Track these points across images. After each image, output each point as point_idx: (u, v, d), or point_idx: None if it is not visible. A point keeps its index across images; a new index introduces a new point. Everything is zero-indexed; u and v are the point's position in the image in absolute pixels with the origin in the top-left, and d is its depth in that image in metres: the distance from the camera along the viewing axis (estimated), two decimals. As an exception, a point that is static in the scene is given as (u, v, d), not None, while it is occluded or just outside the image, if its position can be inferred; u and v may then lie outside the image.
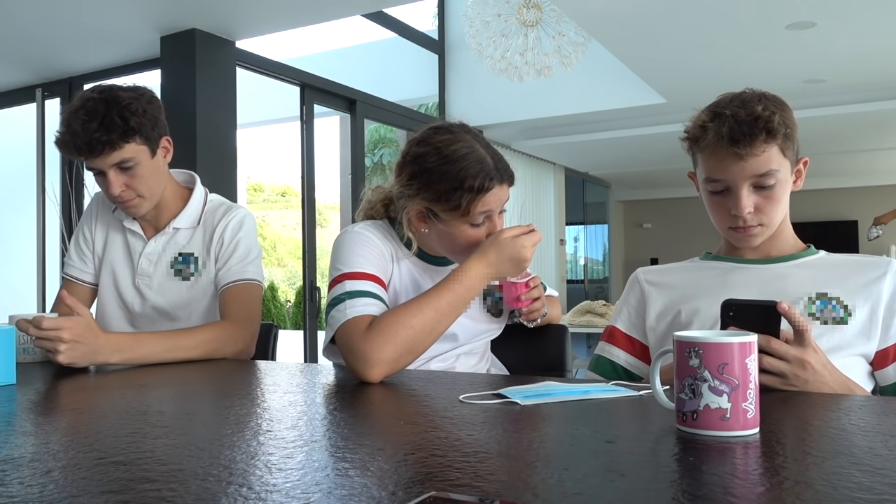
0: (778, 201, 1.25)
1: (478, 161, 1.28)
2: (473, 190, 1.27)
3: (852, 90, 5.78)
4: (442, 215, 1.31)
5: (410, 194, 1.32)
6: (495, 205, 1.32)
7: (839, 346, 1.18)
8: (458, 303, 1.25)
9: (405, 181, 1.33)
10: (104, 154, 1.52)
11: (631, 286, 1.44)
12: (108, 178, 1.55)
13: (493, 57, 4.61)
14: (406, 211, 1.35)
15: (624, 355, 1.39)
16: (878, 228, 10.42)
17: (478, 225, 1.32)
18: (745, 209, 1.23)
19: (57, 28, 3.87)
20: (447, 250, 1.38)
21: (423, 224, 1.35)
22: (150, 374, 1.31)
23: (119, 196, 1.58)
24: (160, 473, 0.65)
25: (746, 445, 0.73)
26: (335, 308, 1.27)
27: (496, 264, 1.28)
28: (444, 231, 1.33)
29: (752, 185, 1.23)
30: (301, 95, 4.76)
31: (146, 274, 1.68)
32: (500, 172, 1.31)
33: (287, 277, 18.06)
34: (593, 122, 6.90)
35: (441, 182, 1.27)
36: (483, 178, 1.27)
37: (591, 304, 4.94)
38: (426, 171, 1.29)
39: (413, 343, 1.20)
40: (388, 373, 1.18)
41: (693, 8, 4.08)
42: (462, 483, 0.61)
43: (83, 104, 1.51)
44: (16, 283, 5.22)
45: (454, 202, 1.28)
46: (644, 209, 11.90)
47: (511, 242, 1.29)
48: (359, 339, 1.19)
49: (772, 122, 1.20)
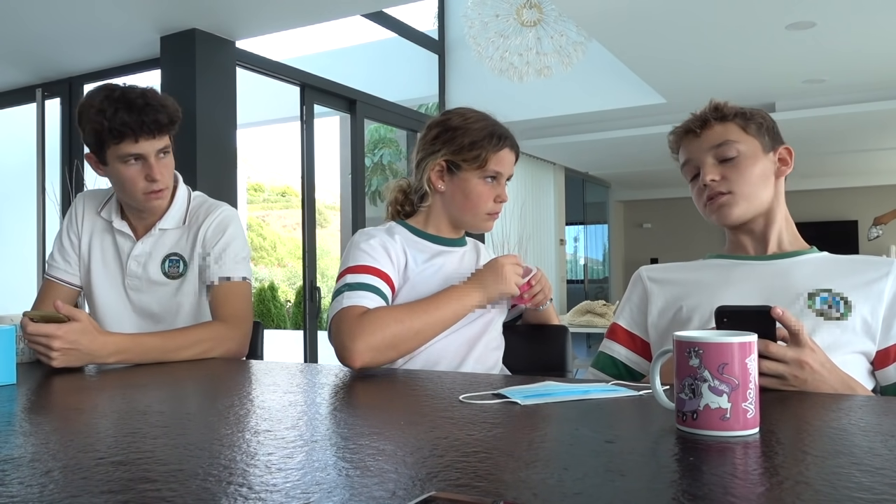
0: (744, 171, 1.31)
1: (494, 124, 1.52)
2: (492, 143, 1.48)
3: (852, 90, 5.78)
4: (463, 165, 1.48)
5: (433, 151, 1.50)
6: (506, 167, 1.51)
7: (839, 343, 1.18)
8: (449, 316, 1.35)
9: (429, 143, 1.52)
10: (160, 136, 1.55)
11: (634, 283, 1.44)
12: (149, 163, 1.56)
13: (493, 57, 4.61)
14: (427, 168, 1.51)
15: (625, 351, 1.39)
16: (878, 228, 10.41)
17: (490, 181, 1.49)
18: (708, 175, 1.32)
19: (57, 28, 3.87)
20: (459, 208, 1.51)
21: (440, 181, 1.51)
22: (150, 374, 1.31)
23: (160, 181, 1.58)
24: (160, 473, 0.65)
25: (746, 445, 0.73)
26: (335, 300, 1.36)
27: (489, 290, 1.40)
28: (460, 185, 1.49)
29: (714, 157, 1.33)
30: (301, 95, 4.76)
31: (135, 276, 1.68)
32: (511, 139, 1.53)
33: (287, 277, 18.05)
34: (593, 122, 6.90)
35: (465, 136, 1.48)
36: (499, 137, 1.50)
37: (591, 304, 4.94)
38: (451, 128, 1.50)
39: (399, 338, 1.28)
40: (369, 361, 1.25)
41: (693, 8, 4.08)
42: (462, 483, 0.61)
43: (131, 88, 1.53)
44: (16, 283, 5.22)
45: (475, 152, 1.47)
46: (644, 209, 11.90)
47: (505, 273, 1.40)
48: (350, 323, 1.27)
49: (723, 108, 1.35)
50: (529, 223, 8.05)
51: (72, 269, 1.74)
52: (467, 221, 1.53)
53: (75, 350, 1.32)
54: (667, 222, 11.57)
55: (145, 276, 1.67)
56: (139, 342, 1.43)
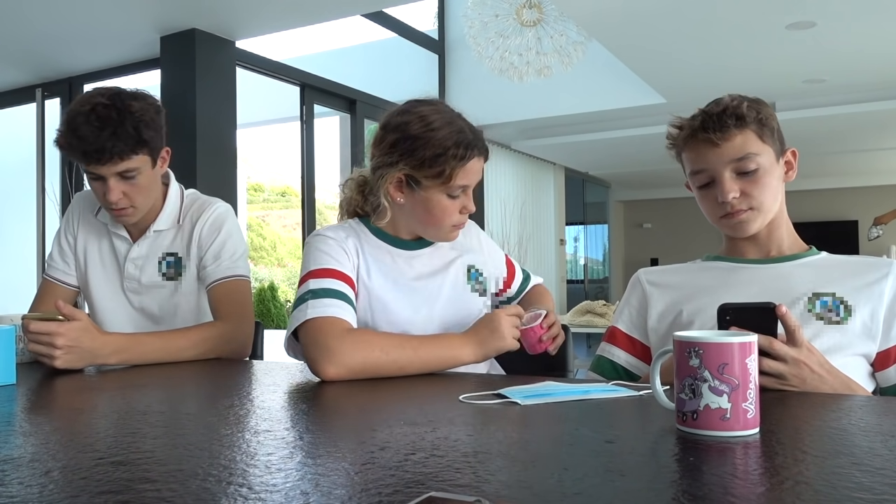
0: (765, 186, 1.27)
1: (459, 130, 1.32)
2: (457, 157, 1.30)
3: (852, 90, 5.78)
4: (424, 182, 1.32)
5: (391, 162, 1.33)
6: (473, 177, 1.35)
7: (840, 346, 1.18)
8: (435, 364, 1.25)
9: (386, 150, 1.34)
10: (111, 163, 1.48)
11: (633, 287, 1.44)
12: (107, 185, 1.51)
13: (493, 57, 4.61)
14: (384, 180, 1.35)
15: (624, 355, 1.39)
16: (878, 228, 10.42)
17: (454, 197, 1.34)
18: (730, 193, 1.25)
19: (57, 28, 3.87)
20: (420, 222, 1.38)
21: (399, 194, 1.35)
22: (150, 374, 1.31)
23: (115, 203, 1.54)
24: (160, 473, 0.65)
25: (746, 445, 0.73)
26: (297, 308, 1.28)
27: (486, 347, 1.29)
28: (421, 200, 1.34)
29: (733, 170, 1.26)
30: (301, 95, 4.76)
31: (133, 278, 1.67)
32: (479, 144, 1.34)
33: (287, 277, 18.04)
34: (593, 122, 6.90)
35: (426, 148, 1.30)
36: (465, 147, 1.31)
37: (591, 304, 4.94)
38: (410, 137, 1.31)
39: (379, 366, 1.20)
40: (343, 377, 1.18)
41: (693, 8, 4.08)
42: (462, 483, 0.61)
43: (93, 108, 1.45)
44: (16, 283, 5.22)
45: (438, 168, 1.30)
46: (644, 209, 11.90)
47: (502, 329, 1.30)
48: (334, 337, 1.20)
49: (740, 109, 1.25)
50: (529, 223, 8.05)
51: (70, 270, 1.74)
52: (430, 234, 1.41)
53: (78, 348, 1.31)
54: (667, 222, 11.57)
55: (143, 278, 1.67)
56: (140, 342, 1.42)
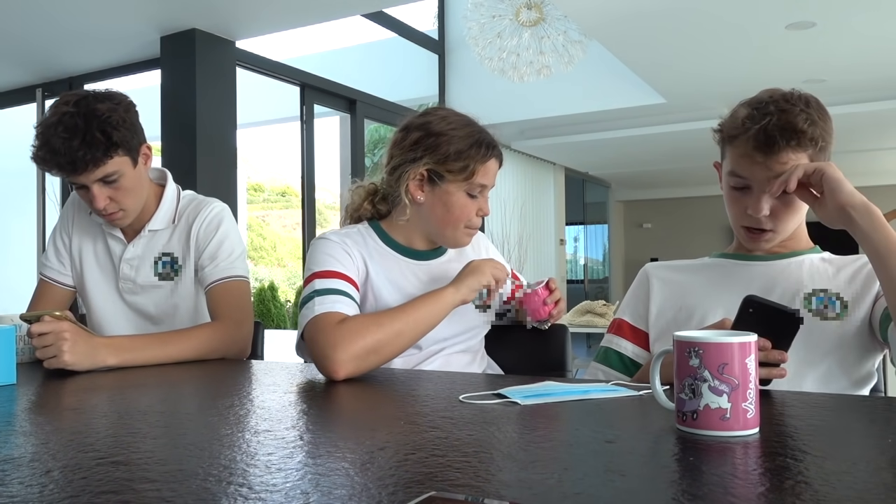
0: (796, 211, 1.25)
1: (480, 131, 1.41)
2: (479, 154, 1.37)
3: (852, 90, 5.78)
4: (447, 175, 1.38)
5: (414, 158, 1.38)
6: (492, 179, 1.42)
7: (839, 342, 1.18)
8: (427, 317, 1.29)
9: (409, 147, 1.39)
10: (88, 171, 1.46)
11: (640, 279, 1.44)
12: (91, 193, 1.50)
13: (493, 58, 4.61)
14: (406, 177, 1.39)
15: (631, 346, 1.39)
16: (878, 228, 10.40)
17: (473, 196, 1.40)
18: (762, 212, 1.23)
19: (57, 28, 3.87)
20: (438, 221, 1.42)
21: (420, 192, 1.40)
22: (150, 374, 1.31)
23: (104, 209, 1.53)
24: (160, 473, 0.65)
25: (746, 445, 0.73)
26: (305, 306, 1.30)
27: (467, 284, 1.34)
28: (442, 197, 1.39)
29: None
30: (301, 95, 4.76)
31: (129, 279, 1.66)
32: (497, 147, 1.43)
33: (287, 277, 18.03)
34: (593, 122, 6.90)
35: (450, 144, 1.37)
36: (487, 146, 1.39)
37: (591, 304, 4.93)
38: (434, 133, 1.38)
39: (380, 343, 1.22)
40: (353, 371, 1.19)
41: (693, 8, 4.08)
42: (462, 483, 0.61)
43: (60, 119, 1.42)
44: (16, 283, 5.21)
45: (462, 162, 1.36)
46: (644, 209, 11.90)
47: (482, 267, 1.36)
48: (328, 333, 1.21)
49: (805, 135, 1.18)
50: (529, 223, 8.05)
51: (65, 270, 1.72)
52: (446, 235, 1.44)
53: (82, 342, 1.31)
54: (667, 222, 11.57)
55: (138, 278, 1.66)
56: (137, 342, 1.42)
